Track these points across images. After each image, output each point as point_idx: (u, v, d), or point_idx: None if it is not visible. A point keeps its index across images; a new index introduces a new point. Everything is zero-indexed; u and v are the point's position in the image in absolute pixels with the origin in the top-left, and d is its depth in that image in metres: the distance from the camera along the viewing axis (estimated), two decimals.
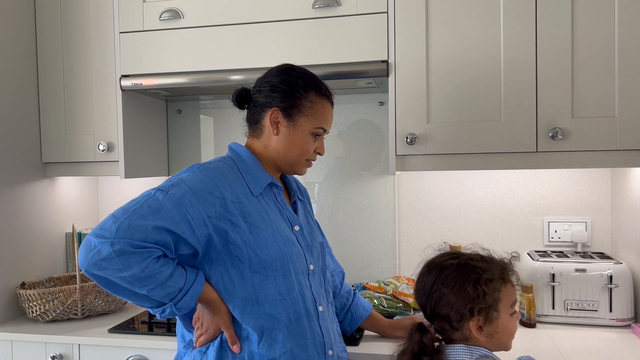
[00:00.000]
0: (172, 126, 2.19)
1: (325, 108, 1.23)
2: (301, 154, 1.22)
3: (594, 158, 1.50)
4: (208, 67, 1.71)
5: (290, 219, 1.22)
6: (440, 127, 1.58)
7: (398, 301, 1.68)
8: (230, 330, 1.13)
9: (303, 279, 1.18)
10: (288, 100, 1.19)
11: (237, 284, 1.12)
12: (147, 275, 1.01)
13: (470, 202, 1.93)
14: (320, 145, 1.26)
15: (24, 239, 1.84)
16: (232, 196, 1.11)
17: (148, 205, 1.04)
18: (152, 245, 1.02)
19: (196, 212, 1.05)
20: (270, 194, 1.21)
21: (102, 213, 2.26)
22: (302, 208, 1.32)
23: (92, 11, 1.84)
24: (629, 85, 1.46)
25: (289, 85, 1.20)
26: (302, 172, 1.27)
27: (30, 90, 1.88)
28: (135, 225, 1.01)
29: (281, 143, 1.21)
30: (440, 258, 1.09)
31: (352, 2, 1.61)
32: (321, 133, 1.23)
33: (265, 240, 1.12)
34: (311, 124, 1.21)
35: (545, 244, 1.87)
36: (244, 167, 1.20)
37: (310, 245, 1.25)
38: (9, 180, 1.78)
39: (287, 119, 1.19)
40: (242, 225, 1.11)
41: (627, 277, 1.57)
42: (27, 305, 1.71)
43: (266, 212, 1.16)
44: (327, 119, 1.24)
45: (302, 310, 1.15)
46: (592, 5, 1.48)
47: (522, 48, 1.51)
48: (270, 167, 1.24)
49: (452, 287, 1.02)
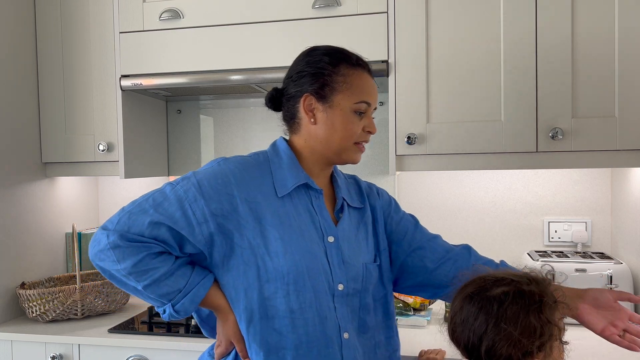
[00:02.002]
0: (172, 126, 2.19)
1: (362, 79, 1.07)
2: (346, 136, 1.05)
3: (594, 158, 1.49)
4: (208, 67, 1.71)
5: (323, 228, 1.06)
6: (440, 127, 1.58)
7: (398, 301, 1.68)
8: (240, 344, 1.03)
9: (325, 298, 1.02)
10: (317, 81, 1.05)
11: (243, 293, 1.01)
12: (140, 271, 0.97)
13: (470, 202, 1.93)
14: (369, 122, 1.08)
15: (24, 239, 1.84)
16: (247, 195, 1.01)
17: (153, 198, 1.00)
18: (149, 240, 0.97)
19: (199, 208, 0.98)
20: (303, 197, 1.07)
21: (102, 213, 2.26)
22: (351, 217, 1.13)
23: (92, 11, 1.84)
24: (629, 85, 1.46)
25: (314, 65, 1.06)
26: (355, 158, 1.09)
27: (30, 90, 1.88)
28: (134, 219, 0.98)
29: (321, 130, 1.06)
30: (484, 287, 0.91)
31: (352, 2, 1.60)
32: (365, 109, 1.06)
33: (277, 248, 1.00)
34: (349, 99, 1.05)
35: (545, 244, 1.87)
36: (277, 164, 1.07)
37: (347, 262, 1.07)
38: (9, 180, 1.78)
39: (321, 102, 1.05)
40: (253, 227, 1.00)
41: (627, 277, 1.57)
42: (27, 305, 1.71)
43: (288, 216, 1.03)
44: (368, 91, 1.07)
45: (319, 333, 1.01)
46: (592, 5, 1.48)
47: (522, 48, 1.51)
48: (314, 164, 1.09)
49: (515, 323, 0.85)
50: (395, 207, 1.23)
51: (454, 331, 0.93)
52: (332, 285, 1.03)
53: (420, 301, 1.68)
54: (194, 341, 1.53)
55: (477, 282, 0.94)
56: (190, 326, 1.63)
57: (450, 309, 0.95)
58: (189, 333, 1.60)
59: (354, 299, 1.07)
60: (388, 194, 1.25)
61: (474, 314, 0.89)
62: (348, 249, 1.08)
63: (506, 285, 0.90)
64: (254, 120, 2.11)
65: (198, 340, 1.53)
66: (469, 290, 0.93)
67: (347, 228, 1.10)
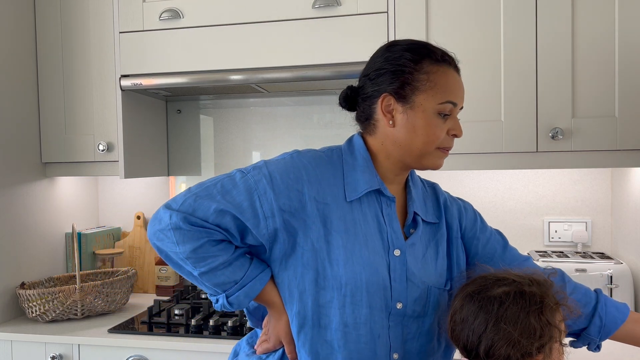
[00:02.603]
0: (172, 126, 2.19)
1: (447, 76, 0.97)
2: (428, 141, 0.96)
3: (594, 158, 1.49)
4: (208, 67, 1.71)
5: (390, 240, 0.98)
6: None
7: None
8: (290, 345, 0.98)
9: (380, 316, 0.95)
10: (397, 80, 0.96)
11: (297, 297, 0.95)
12: (199, 257, 0.92)
13: (470, 202, 1.92)
14: (455, 125, 0.98)
15: (24, 239, 1.84)
16: (317, 194, 0.95)
17: (222, 184, 0.95)
18: (213, 227, 0.92)
19: (267, 201, 0.93)
20: (374, 204, 0.99)
21: (102, 213, 2.26)
22: (423, 233, 1.03)
23: (92, 11, 1.84)
24: (629, 85, 1.46)
25: (394, 61, 0.97)
26: (436, 164, 0.99)
27: (30, 90, 1.88)
28: (200, 203, 0.93)
29: (401, 134, 0.97)
30: (485, 286, 0.90)
31: (352, 2, 1.60)
32: (450, 110, 0.96)
33: (338, 256, 0.93)
34: (433, 100, 0.95)
35: (545, 244, 1.87)
36: (351, 164, 1.00)
37: (410, 281, 0.98)
38: (9, 180, 1.78)
39: (401, 102, 0.96)
40: (318, 229, 0.94)
41: (628, 277, 1.57)
42: (27, 305, 1.71)
43: (355, 223, 0.96)
44: (454, 89, 0.97)
45: (369, 352, 0.95)
46: (592, 5, 1.48)
47: (522, 48, 1.51)
48: (389, 170, 1.01)
49: (514, 323, 0.84)
50: (481, 226, 1.11)
51: (453, 330, 0.92)
52: (389, 302, 0.96)
53: None
54: (194, 341, 1.53)
55: (478, 281, 0.92)
56: (190, 326, 1.63)
57: (450, 308, 0.94)
58: (189, 333, 1.60)
59: (412, 321, 0.99)
60: (473, 210, 1.13)
61: (473, 313, 0.88)
62: (414, 266, 0.99)
63: (507, 286, 0.89)
64: (254, 120, 2.11)
65: (198, 341, 1.53)
66: (469, 290, 0.91)
67: (417, 244, 1.01)
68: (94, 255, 2.11)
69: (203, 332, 1.60)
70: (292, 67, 1.64)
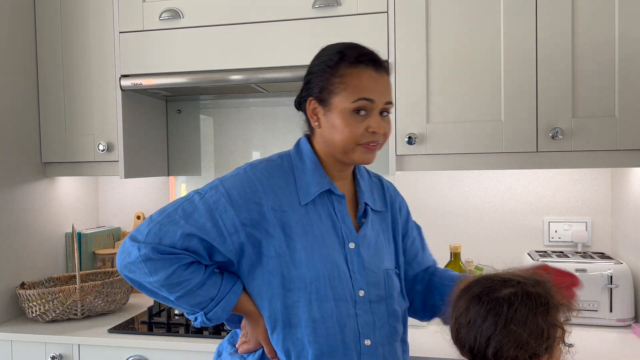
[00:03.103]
0: (172, 126, 2.19)
1: (360, 77, 1.01)
2: (346, 138, 1.01)
3: (594, 158, 1.49)
4: (208, 67, 1.71)
5: (344, 235, 1.05)
6: (440, 127, 1.57)
7: None
8: (269, 347, 1.04)
9: (345, 306, 1.02)
10: (318, 85, 1.04)
11: (267, 302, 1.02)
12: (173, 283, 0.97)
13: (470, 202, 1.93)
14: (373, 121, 1.02)
15: (24, 239, 1.84)
16: (274, 203, 1.01)
17: (182, 208, 1.00)
18: (181, 252, 0.98)
19: (229, 219, 0.99)
20: (326, 203, 1.06)
21: (102, 213, 2.26)
22: (373, 223, 1.11)
23: (92, 11, 1.84)
24: (629, 85, 1.46)
25: (317, 67, 1.05)
26: (363, 159, 1.04)
27: (30, 90, 1.88)
28: (165, 230, 0.98)
29: (326, 133, 1.04)
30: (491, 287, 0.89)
31: (352, 2, 1.60)
32: (365, 106, 1.01)
33: (300, 257, 1.00)
34: (347, 100, 1.00)
35: (545, 244, 1.87)
36: (301, 168, 1.07)
37: (367, 268, 1.06)
38: (9, 180, 1.78)
39: (322, 105, 1.04)
40: (279, 236, 1.01)
41: (628, 277, 1.57)
42: (27, 305, 1.71)
43: (311, 225, 1.03)
44: (367, 87, 1.01)
45: (339, 342, 1.01)
46: (592, 5, 1.48)
47: (522, 48, 1.51)
48: (332, 167, 1.08)
49: (523, 325, 0.84)
50: (411, 225, 1.23)
51: (458, 332, 0.90)
52: (352, 292, 1.03)
53: None
54: (194, 341, 1.53)
55: (483, 282, 0.92)
56: (190, 326, 1.63)
57: (453, 310, 0.93)
58: (189, 333, 1.60)
59: (379, 306, 1.06)
60: (407, 208, 1.24)
61: (482, 315, 0.87)
62: (368, 255, 1.07)
63: (513, 287, 0.88)
64: (254, 120, 2.11)
65: (198, 341, 1.53)
66: (475, 291, 0.90)
67: (369, 234, 1.09)
68: (94, 255, 2.11)
69: (203, 332, 1.60)
70: (292, 67, 1.64)
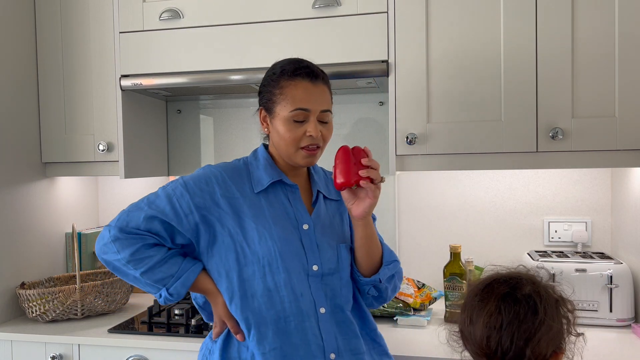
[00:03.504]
0: (172, 126, 2.19)
1: (297, 88, 1.15)
2: (289, 142, 1.17)
3: (594, 158, 1.49)
4: (208, 67, 1.71)
5: (298, 218, 1.20)
6: (440, 127, 1.58)
7: (398, 301, 1.68)
8: (230, 321, 1.17)
9: (299, 278, 1.15)
10: (265, 96, 1.21)
11: (225, 276, 1.16)
12: (137, 259, 1.13)
13: (470, 202, 1.93)
14: (310, 127, 1.15)
15: (24, 239, 1.84)
16: (227, 192, 1.18)
17: (147, 199, 1.19)
18: (145, 233, 1.15)
19: (185, 202, 1.16)
20: (279, 193, 1.22)
21: (102, 213, 2.26)
22: (327, 207, 1.27)
23: (92, 11, 1.84)
24: (629, 85, 1.46)
25: (264, 81, 1.22)
26: (305, 162, 1.19)
27: (30, 90, 1.88)
28: (132, 215, 1.16)
29: (273, 138, 1.22)
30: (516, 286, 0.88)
31: (352, 2, 1.60)
32: (303, 116, 1.15)
33: (253, 237, 1.16)
34: (286, 109, 1.16)
35: (545, 244, 1.87)
36: (255, 165, 1.24)
37: (320, 246, 1.20)
38: (9, 180, 1.78)
39: (268, 113, 1.21)
40: (233, 219, 1.16)
41: (627, 277, 1.57)
42: (27, 305, 1.71)
43: (262, 209, 1.18)
44: (303, 98, 1.15)
45: (294, 309, 1.14)
46: (592, 5, 1.48)
47: (522, 48, 1.51)
48: (284, 165, 1.24)
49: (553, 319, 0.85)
50: None
51: (488, 338, 0.85)
52: (306, 266, 1.17)
53: (420, 301, 1.68)
54: (194, 341, 1.53)
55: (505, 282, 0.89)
56: (190, 326, 1.63)
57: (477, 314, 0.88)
58: (189, 333, 1.60)
59: (332, 278, 1.20)
60: None
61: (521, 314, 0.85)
62: (322, 234, 1.22)
63: (532, 284, 0.88)
64: (253, 120, 2.11)
65: (198, 341, 1.53)
66: (502, 290, 0.88)
67: (322, 216, 1.24)
68: (94, 255, 2.11)
69: (203, 332, 1.60)
70: None
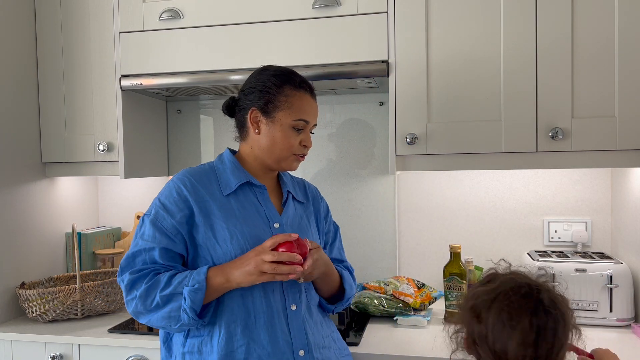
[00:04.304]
0: (172, 126, 2.19)
1: (302, 100, 1.23)
2: (284, 148, 1.22)
3: (594, 158, 1.50)
4: (208, 67, 1.71)
5: (269, 217, 1.23)
6: (440, 127, 1.58)
7: (398, 301, 1.68)
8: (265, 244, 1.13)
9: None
10: (263, 98, 1.22)
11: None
12: (151, 285, 1.13)
13: (470, 202, 1.93)
14: (305, 137, 1.25)
15: (24, 239, 1.84)
16: (196, 196, 1.19)
17: (138, 233, 1.19)
18: (150, 267, 1.15)
19: (169, 224, 1.17)
20: (249, 194, 1.24)
21: (102, 213, 2.26)
22: (296, 208, 1.31)
23: (92, 11, 1.84)
24: (629, 85, 1.46)
25: (263, 83, 1.23)
26: (291, 167, 1.27)
27: (30, 90, 1.88)
28: (132, 257, 1.16)
29: (264, 140, 1.23)
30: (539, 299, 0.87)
31: (352, 2, 1.60)
32: (303, 126, 1.23)
33: (224, 236, 1.17)
34: (289, 117, 1.21)
35: (545, 244, 1.87)
36: (222, 169, 1.25)
37: None
38: (9, 180, 1.78)
39: (265, 116, 1.22)
40: (204, 222, 1.17)
41: (627, 277, 1.57)
42: (27, 305, 1.71)
43: (233, 210, 1.19)
44: (307, 110, 1.23)
45: (265, 306, 1.16)
46: (592, 5, 1.48)
47: (522, 48, 1.51)
48: (257, 167, 1.27)
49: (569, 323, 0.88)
50: (329, 219, 1.43)
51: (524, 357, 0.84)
52: None
53: (420, 301, 1.68)
54: None
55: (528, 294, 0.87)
56: None
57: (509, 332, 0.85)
58: None
59: None
60: (328, 207, 1.43)
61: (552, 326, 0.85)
62: (292, 232, 1.23)
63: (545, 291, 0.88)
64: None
65: None
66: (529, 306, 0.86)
67: (291, 216, 1.28)
68: (94, 255, 2.11)
69: None
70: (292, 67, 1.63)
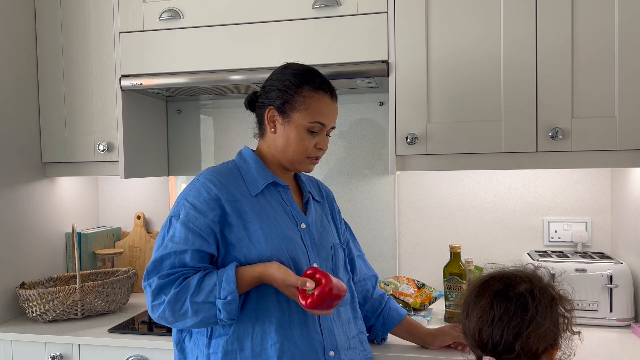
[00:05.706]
0: (172, 126, 2.19)
1: (320, 102, 1.20)
2: (299, 150, 1.21)
3: (594, 158, 1.49)
4: (208, 67, 1.71)
5: (296, 217, 1.23)
6: (440, 127, 1.58)
7: (398, 301, 1.68)
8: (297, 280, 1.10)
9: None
10: (281, 97, 1.20)
11: None
12: (180, 290, 1.09)
13: (470, 202, 1.93)
14: (321, 140, 1.23)
15: (24, 239, 1.84)
16: (228, 195, 1.16)
17: (164, 235, 1.15)
18: (178, 271, 1.11)
19: (202, 224, 1.13)
20: (274, 193, 1.23)
21: (102, 213, 2.26)
22: (316, 208, 1.31)
23: (92, 11, 1.84)
24: (629, 85, 1.46)
25: (282, 82, 1.21)
26: (306, 169, 1.26)
27: (30, 90, 1.88)
28: (160, 260, 1.12)
29: (279, 140, 1.22)
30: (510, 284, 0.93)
31: (352, 2, 1.60)
32: (318, 128, 1.21)
33: (259, 237, 1.15)
34: (305, 119, 1.19)
35: (545, 244, 1.87)
36: (246, 168, 1.23)
37: (318, 245, 1.25)
38: (9, 180, 1.78)
39: (281, 116, 1.20)
40: (237, 222, 1.15)
41: (627, 277, 1.57)
42: (27, 305, 1.71)
43: (264, 210, 1.18)
44: (324, 113, 1.21)
45: (299, 307, 1.15)
46: (592, 5, 1.48)
47: (522, 48, 1.51)
48: (277, 166, 1.26)
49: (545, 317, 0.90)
50: (341, 220, 1.44)
51: (480, 331, 0.92)
52: (308, 264, 1.20)
53: (420, 301, 1.68)
54: None
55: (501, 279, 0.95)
56: None
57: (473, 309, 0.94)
58: None
59: None
60: (338, 208, 1.44)
61: (511, 310, 0.90)
62: (317, 233, 1.26)
63: (527, 282, 0.92)
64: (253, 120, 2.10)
65: None
66: (497, 287, 0.93)
67: (314, 216, 1.28)
68: (94, 255, 2.11)
69: None
70: None
